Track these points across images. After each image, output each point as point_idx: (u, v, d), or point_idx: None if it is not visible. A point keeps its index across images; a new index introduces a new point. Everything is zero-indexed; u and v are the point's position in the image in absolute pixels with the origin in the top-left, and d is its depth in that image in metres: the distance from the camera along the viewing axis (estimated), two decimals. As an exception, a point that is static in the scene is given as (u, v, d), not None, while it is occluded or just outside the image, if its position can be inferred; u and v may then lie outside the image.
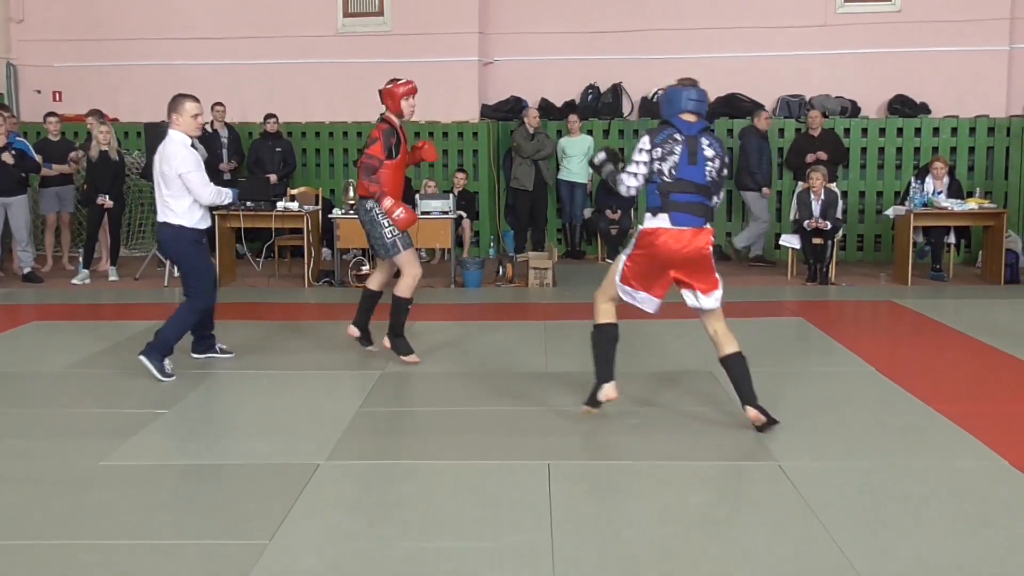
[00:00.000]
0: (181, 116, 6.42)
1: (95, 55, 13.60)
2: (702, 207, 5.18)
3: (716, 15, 12.84)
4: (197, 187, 6.37)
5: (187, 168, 6.33)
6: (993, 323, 8.32)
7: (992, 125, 12.28)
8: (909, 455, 4.90)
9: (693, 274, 5.25)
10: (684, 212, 5.12)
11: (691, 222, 5.13)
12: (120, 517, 4.15)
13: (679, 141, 5.12)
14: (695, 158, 5.12)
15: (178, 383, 6.34)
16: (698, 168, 5.12)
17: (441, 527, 4.04)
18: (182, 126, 6.44)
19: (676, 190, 5.12)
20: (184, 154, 6.36)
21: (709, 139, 5.21)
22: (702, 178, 5.15)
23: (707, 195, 5.19)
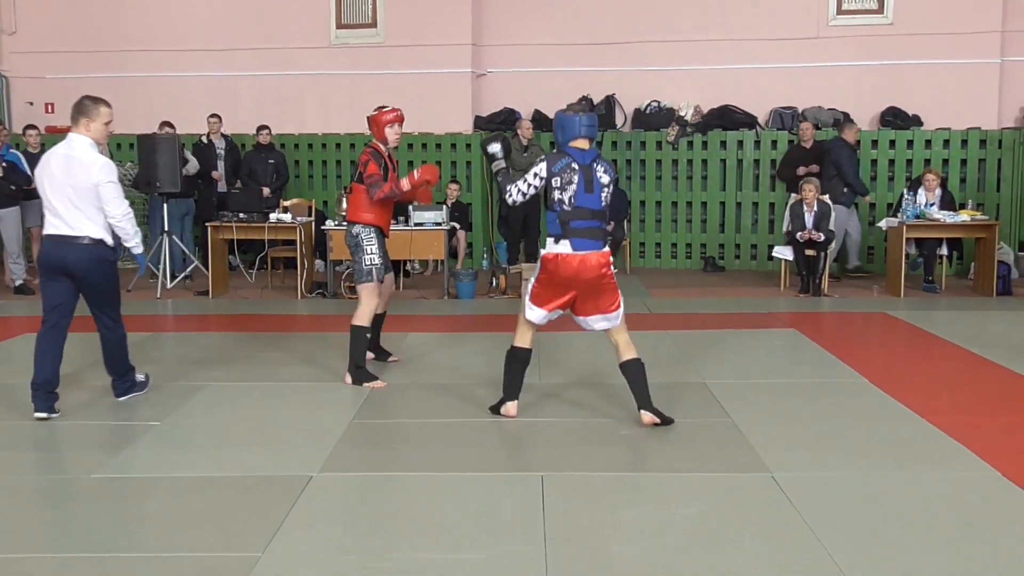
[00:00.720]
0: (94, 121, 5.75)
1: (88, 67, 13.60)
2: (600, 231, 5.47)
3: (709, 27, 12.90)
4: (114, 200, 5.70)
5: (110, 177, 5.72)
6: (986, 335, 8.33)
7: (984, 137, 12.34)
8: (902, 467, 4.90)
9: (596, 296, 5.51)
10: (584, 238, 5.39)
11: (590, 247, 5.41)
12: (112, 530, 4.13)
13: (576, 170, 5.39)
14: (591, 186, 5.40)
15: (170, 395, 6.32)
16: (594, 195, 5.41)
17: (435, 539, 4.03)
18: (93, 133, 5.76)
19: (576, 217, 5.38)
20: (105, 161, 5.76)
21: (603, 165, 5.50)
22: (598, 204, 5.43)
23: (603, 219, 5.48)
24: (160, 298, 10.44)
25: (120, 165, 12.43)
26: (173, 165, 10.57)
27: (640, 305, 9.96)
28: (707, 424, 5.65)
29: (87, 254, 5.68)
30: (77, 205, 5.65)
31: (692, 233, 13.06)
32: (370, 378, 6.64)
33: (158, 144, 10.61)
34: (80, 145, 5.72)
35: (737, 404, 6.00)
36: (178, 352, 8.02)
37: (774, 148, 12.65)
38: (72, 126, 5.78)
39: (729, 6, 12.94)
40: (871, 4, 12.79)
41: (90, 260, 5.70)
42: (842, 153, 11.42)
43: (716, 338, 8.07)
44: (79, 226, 5.66)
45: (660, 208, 13.09)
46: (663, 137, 12.92)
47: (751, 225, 12.85)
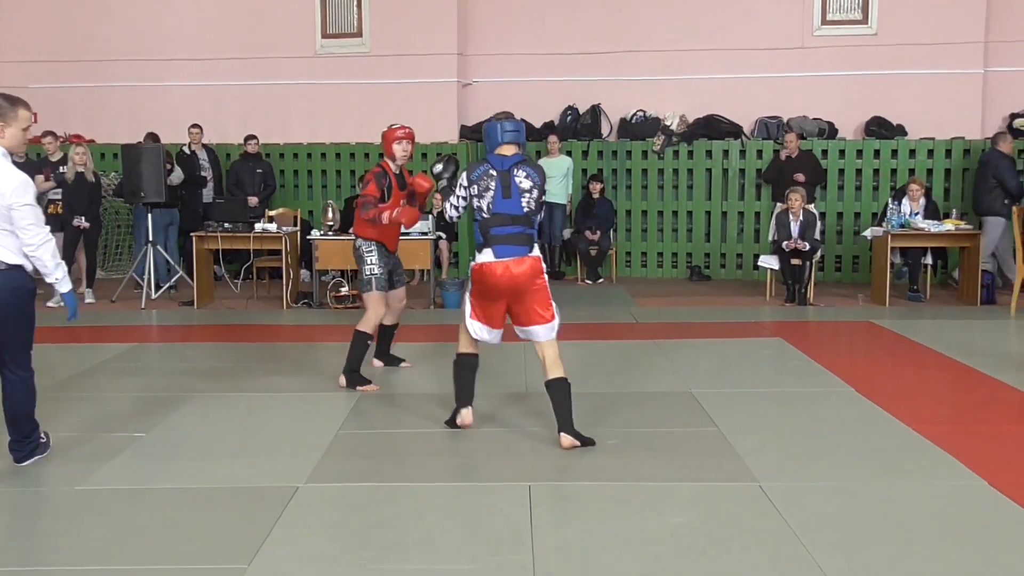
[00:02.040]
0: (9, 126, 4.73)
1: (71, 76, 13.55)
2: (523, 236, 5.38)
3: (694, 37, 12.94)
4: (30, 227, 4.67)
5: (26, 199, 4.68)
6: (971, 343, 8.37)
7: (967, 147, 12.40)
8: (889, 475, 4.91)
9: (527, 303, 5.42)
10: (505, 244, 5.34)
11: (513, 252, 5.34)
12: (97, 542, 4.10)
13: (493, 176, 5.37)
14: (509, 191, 5.36)
15: (155, 406, 6.28)
16: (512, 200, 5.35)
17: (422, 550, 4.01)
18: (8, 140, 4.73)
19: (495, 224, 5.36)
20: (23, 178, 4.70)
21: (526, 170, 5.41)
22: (518, 209, 5.37)
23: (527, 224, 5.39)
24: (145, 308, 10.38)
25: (104, 175, 12.38)
26: (157, 175, 10.53)
27: (626, 315, 9.97)
28: (694, 434, 5.65)
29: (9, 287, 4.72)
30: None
31: (678, 242, 13.09)
32: (363, 382, 6.68)
33: (142, 154, 10.56)
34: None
35: (724, 413, 6.00)
36: (163, 363, 7.99)
37: (759, 157, 12.69)
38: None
39: (714, 16, 12.99)
40: (856, 15, 12.87)
41: (13, 294, 4.74)
42: (1001, 164, 11.14)
43: (702, 347, 8.08)
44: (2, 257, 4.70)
45: (646, 217, 13.11)
46: (649, 146, 12.95)
47: (737, 234, 12.88)
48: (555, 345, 5.49)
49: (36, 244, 4.69)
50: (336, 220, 10.56)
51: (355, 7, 13.35)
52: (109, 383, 7.03)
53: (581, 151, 13.06)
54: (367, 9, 13.29)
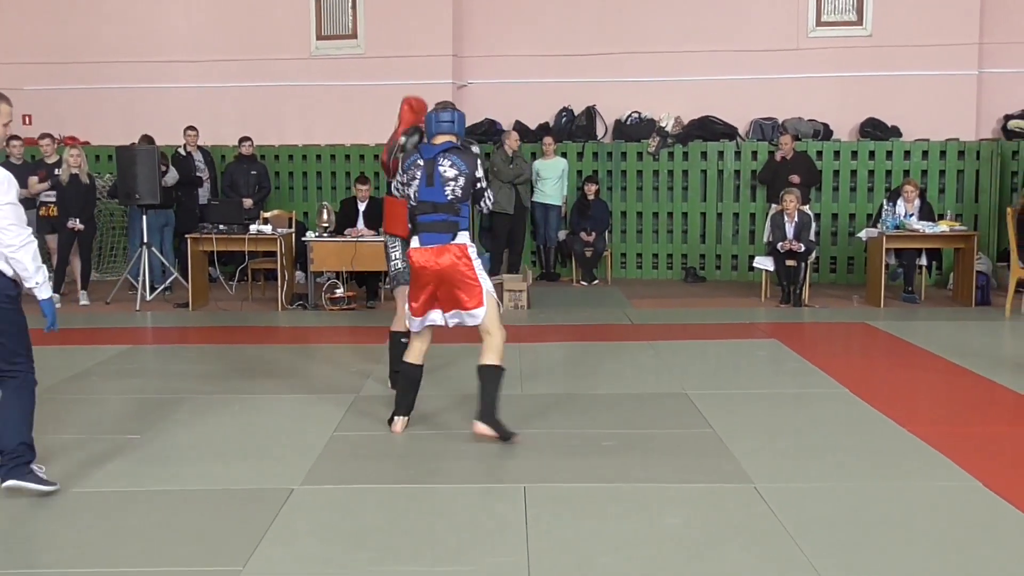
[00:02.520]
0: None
1: (66, 78, 13.53)
2: (446, 224, 5.47)
3: (689, 39, 12.96)
4: (10, 228, 4.40)
5: (7, 197, 4.43)
6: (965, 344, 8.38)
7: (962, 148, 12.43)
8: (884, 477, 4.91)
9: (452, 290, 5.47)
10: (429, 231, 5.47)
11: (435, 240, 5.45)
12: (92, 545, 4.08)
13: (420, 166, 5.51)
14: (432, 179, 5.47)
15: (150, 408, 6.27)
16: (435, 188, 5.46)
17: (417, 552, 4.00)
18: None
19: (420, 212, 5.50)
20: (3, 176, 4.45)
21: (451, 159, 5.49)
22: (441, 197, 5.46)
23: (451, 212, 5.47)
24: (139, 310, 10.37)
25: (99, 177, 12.36)
26: (152, 177, 10.51)
27: (621, 316, 9.97)
28: (689, 435, 5.65)
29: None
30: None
31: (673, 244, 13.09)
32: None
33: (137, 156, 10.55)
34: None
35: (719, 414, 6.01)
36: (158, 365, 7.97)
37: (754, 159, 12.70)
38: None
39: (709, 18, 13.01)
40: (850, 16, 12.89)
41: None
42: None
43: (697, 349, 8.08)
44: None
45: (641, 219, 13.11)
46: (644, 148, 12.96)
47: (732, 235, 12.89)
48: (498, 334, 5.54)
49: (16, 245, 4.41)
50: (331, 222, 10.55)
51: (350, 9, 13.35)
52: (104, 385, 7.01)
53: (576, 152, 13.07)
54: (362, 11, 13.29)
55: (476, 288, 5.47)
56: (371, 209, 10.96)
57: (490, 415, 5.43)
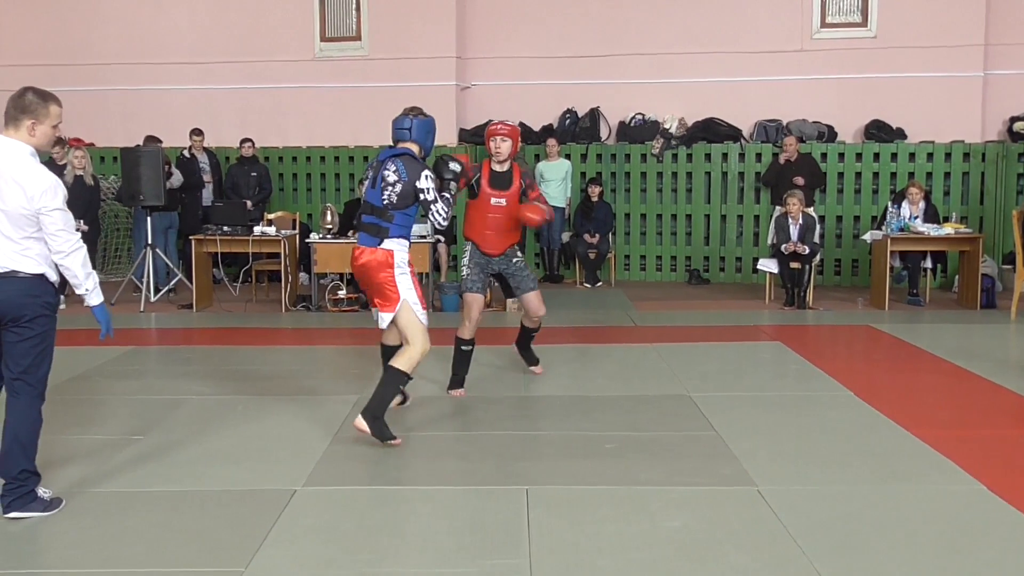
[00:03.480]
0: (41, 123, 4.36)
1: (69, 80, 13.48)
2: (373, 227, 5.57)
3: (694, 40, 12.94)
4: (60, 233, 4.30)
5: (56, 203, 4.29)
6: (970, 348, 8.36)
7: (967, 151, 12.40)
8: (887, 480, 4.90)
9: (373, 290, 5.64)
10: (364, 232, 5.64)
11: (366, 241, 5.61)
12: (93, 545, 4.08)
13: (374, 168, 5.66)
14: (375, 182, 5.60)
15: (153, 409, 6.27)
16: (376, 191, 5.58)
17: (419, 553, 4.00)
18: (39, 138, 4.35)
19: (363, 212, 5.68)
20: (52, 181, 4.31)
21: (396, 165, 5.53)
22: (378, 201, 5.57)
23: (381, 216, 5.55)
24: (144, 311, 10.38)
25: (104, 178, 12.38)
26: (157, 178, 10.53)
27: (625, 318, 9.96)
28: (692, 437, 5.64)
29: (17, 290, 4.29)
30: (7, 234, 4.28)
31: (677, 246, 13.08)
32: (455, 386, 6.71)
33: (142, 157, 10.57)
34: (16, 156, 4.31)
35: (722, 417, 5.99)
36: (161, 366, 7.98)
37: (759, 161, 12.69)
38: (7, 127, 4.38)
39: (713, 19, 12.99)
40: (855, 17, 12.87)
41: (20, 296, 4.30)
42: None
43: (701, 351, 8.07)
44: (7, 260, 4.30)
45: (645, 221, 13.10)
46: (648, 150, 12.95)
47: (736, 238, 12.87)
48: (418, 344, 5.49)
49: (66, 251, 4.32)
50: (335, 223, 10.55)
51: (354, 10, 13.35)
52: (107, 386, 7.02)
53: (580, 154, 13.06)
54: (366, 12, 13.30)
55: (393, 296, 5.50)
56: (375, 211, 10.96)
57: (373, 414, 5.36)
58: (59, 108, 4.44)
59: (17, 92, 4.37)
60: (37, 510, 4.39)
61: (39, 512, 4.39)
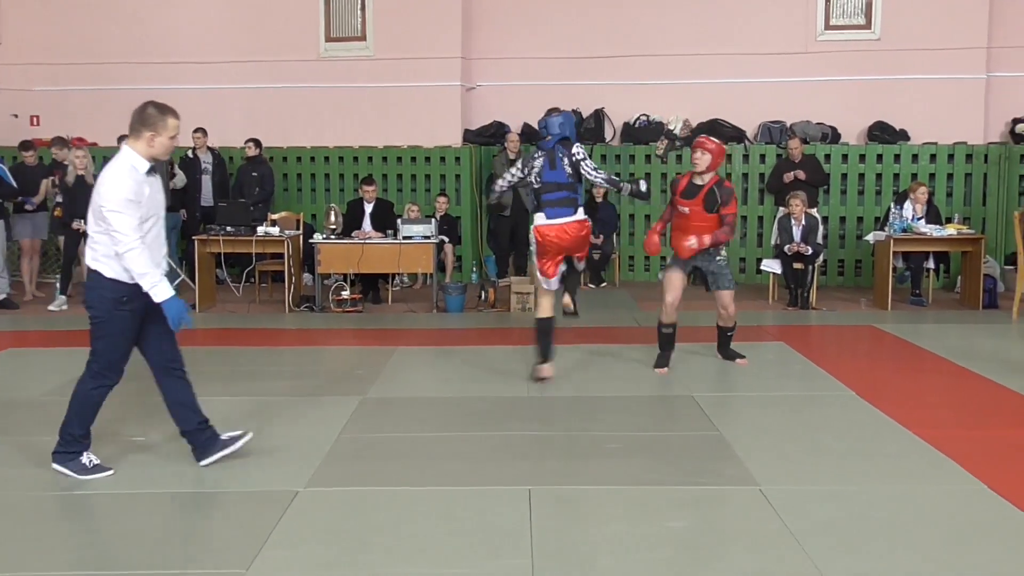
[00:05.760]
0: (159, 135, 4.82)
1: (74, 79, 13.57)
2: (568, 200, 6.71)
3: (698, 41, 12.94)
4: (116, 232, 4.61)
5: (114, 203, 4.61)
6: (972, 348, 8.35)
7: (970, 152, 12.40)
8: (890, 480, 4.90)
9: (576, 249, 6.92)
10: (556, 206, 6.69)
11: (563, 213, 6.71)
12: (95, 547, 4.09)
13: (534, 158, 6.82)
14: (553, 164, 6.71)
15: (154, 410, 6.26)
16: (557, 171, 6.71)
17: (422, 554, 4.00)
18: (156, 148, 4.83)
19: (547, 191, 6.74)
20: (119, 180, 4.66)
21: (560, 150, 6.73)
22: (563, 178, 6.71)
23: (572, 190, 6.74)
24: (147, 311, 10.37)
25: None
26: (161, 179, 10.51)
27: (629, 318, 9.96)
28: (696, 437, 5.64)
29: (90, 286, 4.80)
30: (93, 230, 4.74)
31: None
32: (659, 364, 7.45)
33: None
34: (115, 159, 4.79)
35: (725, 417, 6.00)
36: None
37: (763, 162, 12.68)
38: (128, 137, 4.86)
39: (718, 21, 12.99)
40: (859, 19, 12.86)
41: (90, 292, 4.79)
42: None
43: (705, 351, 8.07)
44: (92, 257, 4.75)
45: (649, 221, 13.08)
46: (652, 151, 12.94)
47: (739, 238, 12.86)
48: None
49: (123, 249, 4.62)
50: (339, 223, 10.56)
51: (359, 10, 13.36)
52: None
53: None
54: (371, 12, 13.30)
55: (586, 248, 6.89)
56: (378, 211, 10.98)
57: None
58: (176, 120, 4.87)
59: (140, 106, 4.85)
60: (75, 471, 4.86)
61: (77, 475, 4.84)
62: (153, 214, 4.82)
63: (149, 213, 4.78)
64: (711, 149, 7.16)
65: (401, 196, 13.05)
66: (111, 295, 4.71)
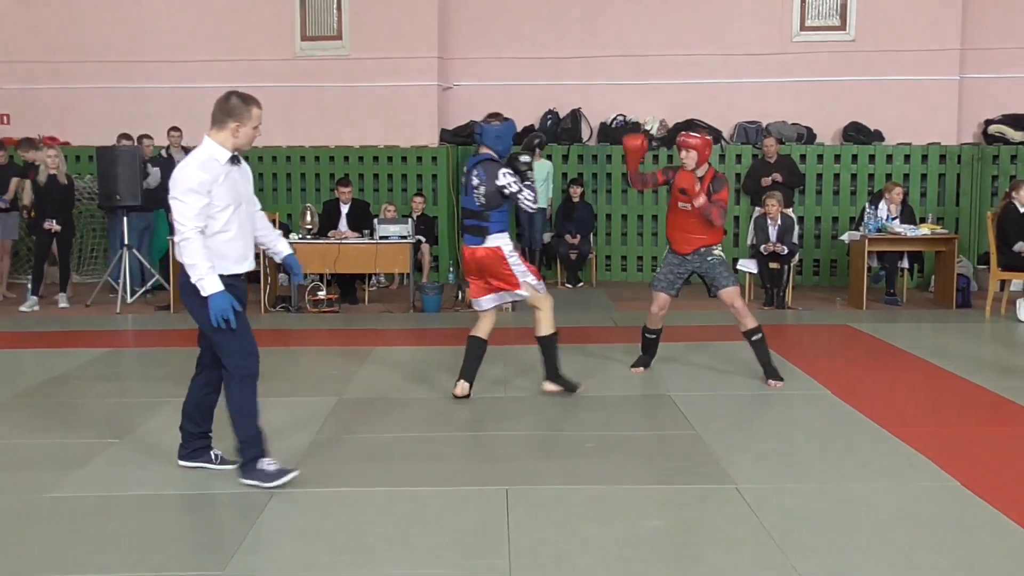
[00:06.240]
0: (244, 125, 4.68)
1: (45, 77, 13.45)
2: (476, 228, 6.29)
3: (675, 42, 12.98)
4: (175, 223, 4.59)
5: (175, 191, 4.56)
6: (946, 346, 8.42)
7: (943, 152, 12.50)
8: (865, 477, 4.93)
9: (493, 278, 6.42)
10: (468, 233, 6.38)
11: (471, 241, 6.33)
12: (68, 550, 4.04)
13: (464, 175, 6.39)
14: (467, 190, 6.32)
15: (130, 411, 6.22)
16: (469, 197, 6.29)
17: (399, 555, 3.98)
18: (240, 139, 4.71)
19: (465, 216, 6.41)
20: (192, 173, 4.56)
21: (476, 171, 6.22)
22: (474, 205, 6.26)
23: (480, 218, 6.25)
24: (120, 313, 10.30)
25: (79, 178, 12.28)
26: (134, 178, 10.43)
27: (606, 318, 9.97)
28: (672, 437, 5.65)
29: (182, 283, 4.77)
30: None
31: (658, 246, 13.09)
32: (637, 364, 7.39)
33: (118, 156, 10.47)
34: (198, 148, 4.71)
35: (702, 416, 6.01)
36: (138, 368, 7.93)
37: (739, 162, 12.73)
38: (212, 128, 4.74)
39: (694, 21, 13.04)
40: (834, 21, 12.94)
41: (183, 288, 4.78)
42: None
43: (681, 351, 8.09)
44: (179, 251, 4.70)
45: (626, 221, 13.13)
46: (628, 151, 12.95)
47: (715, 238, 12.89)
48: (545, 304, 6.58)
49: (176, 241, 4.62)
50: (315, 223, 10.52)
51: (335, 10, 13.31)
52: (83, 388, 6.96)
53: (561, 155, 13.07)
54: (347, 12, 13.26)
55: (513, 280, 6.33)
56: (354, 211, 10.94)
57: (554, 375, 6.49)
58: (260, 110, 4.75)
59: (223, 96, 4.73)
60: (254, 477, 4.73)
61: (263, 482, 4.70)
62: (234, 202, 4.69)
63: (230, 201, 4.66)
64: (695, 145, 6.88)
65: (377, 196, 13.01)
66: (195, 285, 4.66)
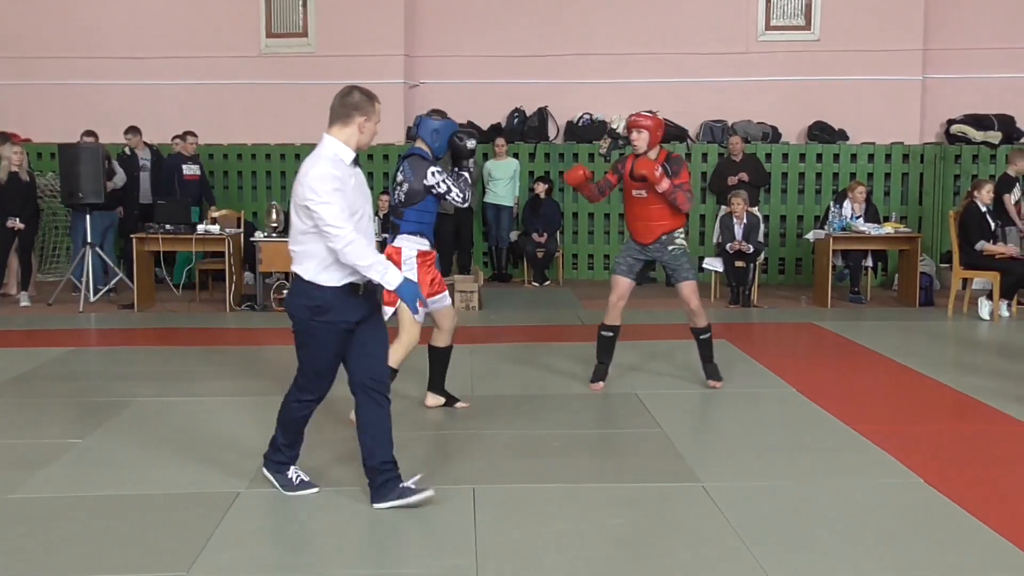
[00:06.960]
0: (371, 120, 4.41)
1: (5, 73, 13.26)
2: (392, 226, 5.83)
3: (641, 41, 13.03)
4: (328, 228, 4.17)
5: (315, 194, 4.17)
6: (909, 344, 8.51)
7: (907, 152, 12.64)
8: (829, 474, 4.97)
9: None
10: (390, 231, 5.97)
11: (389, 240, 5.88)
12: (29, 552, 3.99)
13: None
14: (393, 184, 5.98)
15: (93, 411, 6.15)
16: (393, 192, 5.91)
17: (366, 555, 3.97)
18: (367, 133, 4.42)
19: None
20: (319, 171, 4.21)
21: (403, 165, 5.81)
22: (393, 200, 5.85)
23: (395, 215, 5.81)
24: (83, 312, 10.18)
25: (41, 175, 12.12)
26: (97, 176, 10.30)
27: (573, 317, 9.99)
28: (638, 434, 5.67)
29: (292, 295, 4.46)
30: (298, 229, 4.33)
31: (624, 245, 13.14)
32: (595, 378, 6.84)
33: (81, 154, 10.34)
34: (318, 151, 4.35)
35: (668, 414, 6.04)
36: (101, 367, 7.83)
37: (704, 161, 12.80)
38: (333, 125, 4.39)
39: (660, 21, 13.09)
40: (799, 20, 13.05)
41: (292, 303, 4.44)
42: None
43: (647, 349, 8.12)
44: (294, 260, 4.38)
45: (592, 220, 13.16)
46: (595, 149, 12.99)
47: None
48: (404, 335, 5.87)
49: (340, 247, 4.18)
50: (280, 221, 10.45)
51: (300, 6, 13.24)
52: (45, 388, 6.87)
53: (528, 153, 13.08)
54: (313, 8, 13.19)
55: None
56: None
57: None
58: (378, 105, 4.48)
59: (343, 91, 4.43)
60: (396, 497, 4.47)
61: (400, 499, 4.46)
62: (360, 208, 4.36)
63: (357, 207, 4.31)
64: (646, 125, 6.58)
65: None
66: (307, 302, 4.33)
